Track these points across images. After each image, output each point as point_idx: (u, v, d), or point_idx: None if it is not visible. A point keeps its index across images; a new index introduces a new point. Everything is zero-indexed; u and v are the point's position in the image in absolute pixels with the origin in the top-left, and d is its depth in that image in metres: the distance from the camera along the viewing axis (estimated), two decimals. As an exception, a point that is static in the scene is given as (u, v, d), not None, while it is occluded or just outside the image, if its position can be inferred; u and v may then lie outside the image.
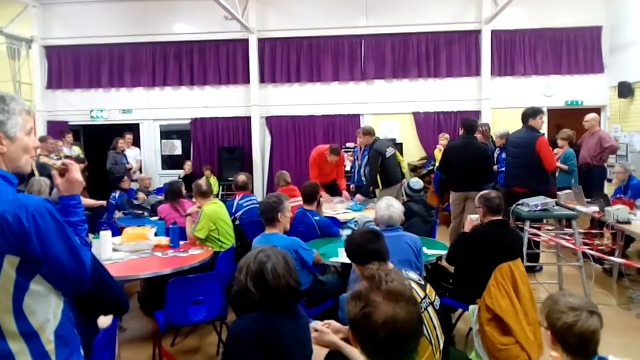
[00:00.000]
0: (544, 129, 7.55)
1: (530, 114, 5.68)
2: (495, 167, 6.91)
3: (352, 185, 7.13)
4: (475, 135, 6.36)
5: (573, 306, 1.86)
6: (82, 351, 1.61)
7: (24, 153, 1.55)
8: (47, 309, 1.44)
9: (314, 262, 3.69)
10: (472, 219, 3.92)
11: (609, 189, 7.49)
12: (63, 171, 1.69)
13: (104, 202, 7.00)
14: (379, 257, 2.59)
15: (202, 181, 4.89)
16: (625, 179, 6.05)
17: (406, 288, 1.40)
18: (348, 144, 9.13)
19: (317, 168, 6.83)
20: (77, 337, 1.59)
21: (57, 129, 9.57)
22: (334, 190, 6.95)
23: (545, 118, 6.60)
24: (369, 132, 6.58)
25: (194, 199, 4.97)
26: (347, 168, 7.70)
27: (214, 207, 4.62)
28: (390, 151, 6.44)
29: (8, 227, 1.34)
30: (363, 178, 6.64)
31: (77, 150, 8.79)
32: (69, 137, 8.69)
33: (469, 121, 6.32)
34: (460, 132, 6.33)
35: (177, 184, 5.53)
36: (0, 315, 1.37)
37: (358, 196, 6.37)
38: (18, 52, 9.60)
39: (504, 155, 7.23)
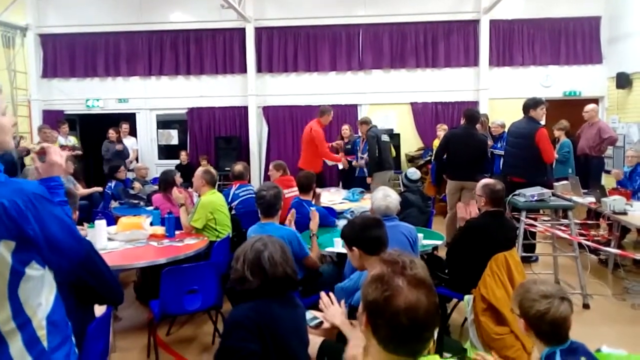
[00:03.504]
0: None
1: (531, 105, 5.64)
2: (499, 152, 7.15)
3: (355, 162, 7.31)
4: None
5: (545, 294, 1.91)
6: (74, 339, 1.59)
7: (4, 134, 1.52)
8: (39, 293, 1.42)
9: (309, 265, 3.66)
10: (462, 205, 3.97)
11: (606, 180, 7.50)
12: (41, 154, 1.68)
13: (99, 188, 6.99)
14: (381, 244, 2.59)
15: (212, 169, 4.85)
16: (634, 164, 6.05)
17: (428, 277, 1.36)
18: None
19: (324, 142, 7.07)
20: (69, 325, 1.57)
21: (53, 118, 9.54)
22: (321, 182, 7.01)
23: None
24: (365, 121, 7.23)
25: (190, 189, 4.94)
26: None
27: (211, 198, 4.59)
28: (385, 137, 7.00)
29: (5, 213, 1.32)
30: (365, 169, 7.15)
31: (72, 140, 8.75)
32: (65, 128, 8.63)
33: (472, 112, 6.33)
34: (462, 121, 6.32)
35: (171, 174, 5.49)
36: None
37: (361, 162, 7.19)
38: (13, 40, 9.50)
39: (499, 145, 7.26)
